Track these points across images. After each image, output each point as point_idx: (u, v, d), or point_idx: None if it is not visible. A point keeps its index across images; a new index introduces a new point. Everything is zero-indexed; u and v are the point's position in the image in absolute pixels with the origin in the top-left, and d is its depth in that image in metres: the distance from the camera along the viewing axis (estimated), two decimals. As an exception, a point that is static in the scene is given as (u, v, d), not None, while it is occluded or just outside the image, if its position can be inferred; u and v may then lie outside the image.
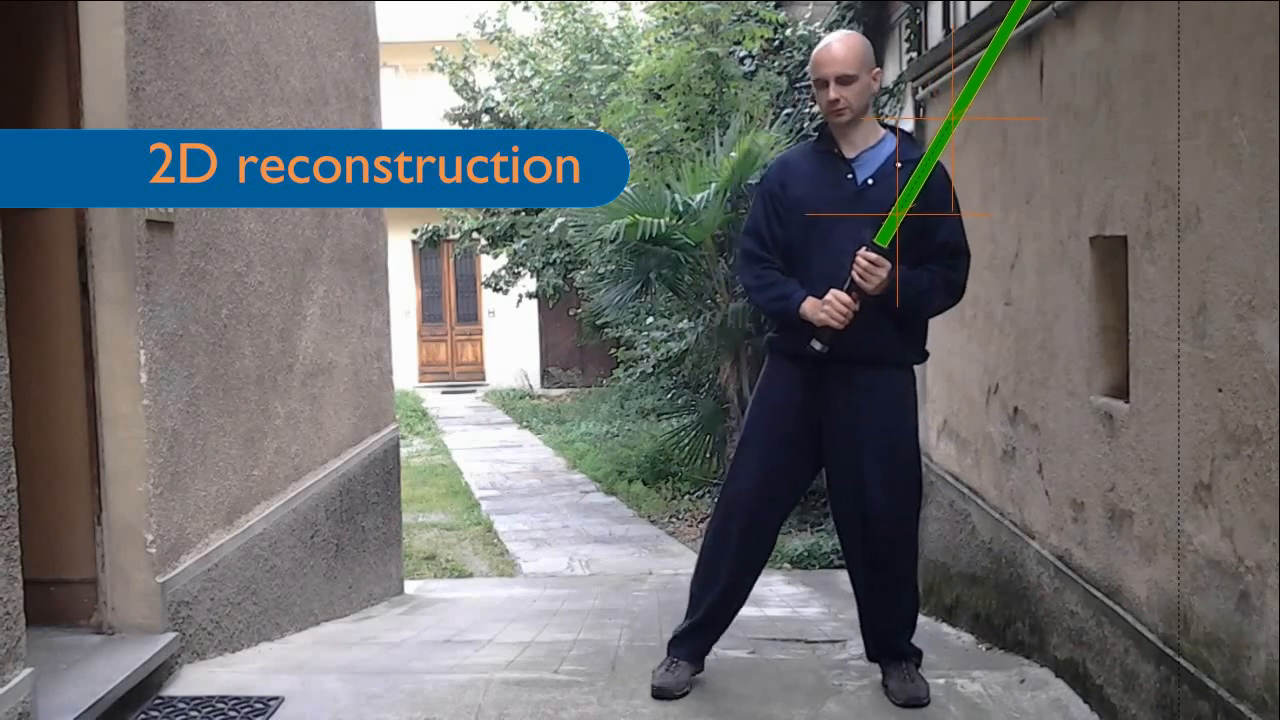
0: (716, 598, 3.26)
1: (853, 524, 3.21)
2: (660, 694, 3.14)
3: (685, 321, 10.09)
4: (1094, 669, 3.05)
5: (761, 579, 3.42)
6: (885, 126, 3.20)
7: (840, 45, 3.09)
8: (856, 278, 2.98)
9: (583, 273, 11.93)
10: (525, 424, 16.15)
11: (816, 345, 3.04)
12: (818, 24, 9.88)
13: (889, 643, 3.24)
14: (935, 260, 3.12)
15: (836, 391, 3.12)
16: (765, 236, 3.19)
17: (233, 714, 3.04)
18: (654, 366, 11.39)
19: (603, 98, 12.01)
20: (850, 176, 3.12)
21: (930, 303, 3.16)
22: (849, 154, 3.14)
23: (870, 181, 3.10)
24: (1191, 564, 2.50)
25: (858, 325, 3.01)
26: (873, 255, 2.96)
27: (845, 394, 3.12)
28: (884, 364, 3.14)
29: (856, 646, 3.70)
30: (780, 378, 3.23)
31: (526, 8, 14.45)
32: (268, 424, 4.19)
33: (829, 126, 3.17)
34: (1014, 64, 3.86)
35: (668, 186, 8.55)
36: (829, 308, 3.00)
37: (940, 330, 5.03)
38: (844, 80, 3.06)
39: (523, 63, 14.57)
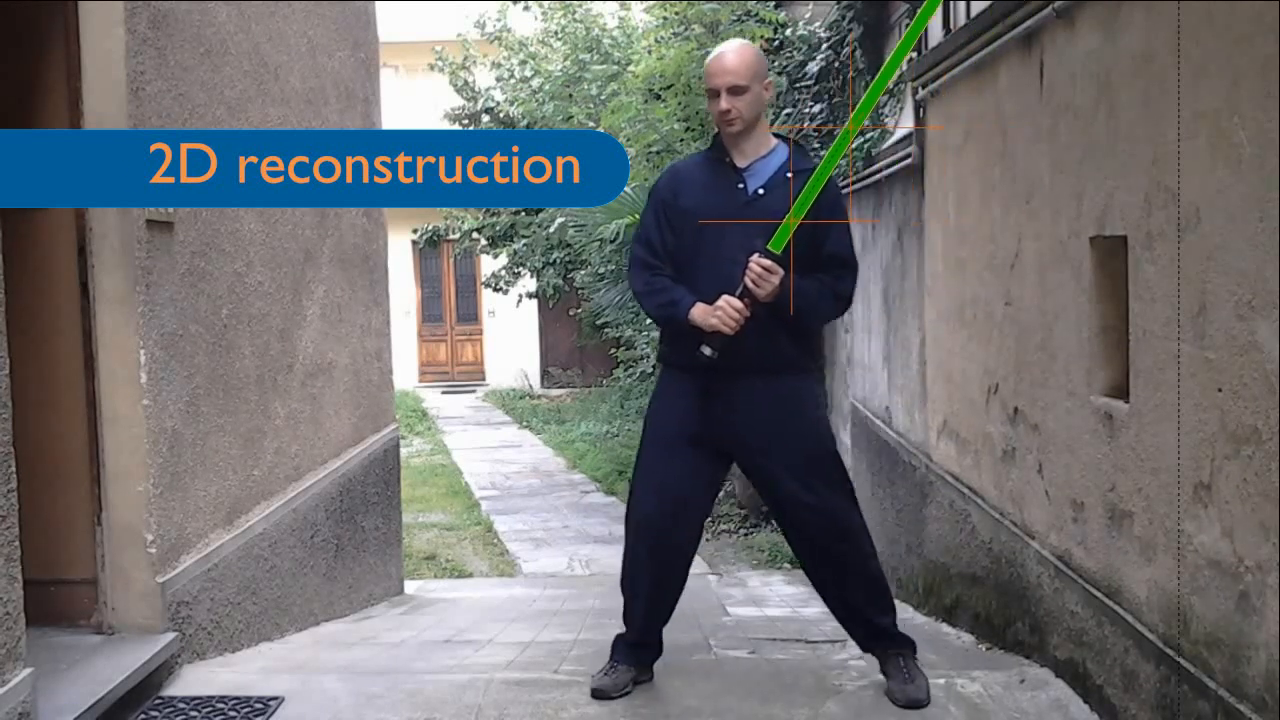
0: (643, 614, 3.27)
1: (786, 523, 3.27)
2: (599, 695, 3.15)
3: (685, 321, 10.07)
4: (1094, 669, 3.05)
5: (761, 579, 3.42)
6: (778, 137, 3.22)
7: (733, 56, 3.10)
8: (749, 284, 2.98)
9: (583, 273, 11.95)
10: (525, 424, 16.16)
11: (706, 351, 3.02)
12: (818, 24, 9.88)
13: (871, 627, 3.24)
14: (824, 271, 3.13)
15: (732, 401, 3.12)
16: (656, 245, 3.19)
17: (233, 714, 3.04)
18: (654, 366, 11.39)
19: (603, 98, 12.04)
20: (741, 186, 3.13)
21: (819, 312, 3.20)
22: (740, 163, 3.15)
23: (761, 191, 3.12)
24: (1191, 564, 2.50)
25: (751, 334, 3.01)
26: (766, 261, 2.97)
27: (741, 402, 3.12)
28: (779, 372, 3.15)
29: (857, 646, 3.69)
30: (672, 391, 3.23)
31: (526, 8, 14.47)
32: (268, 424, 4.20)
33: (721, 136, 3.18)
34: (1014, 64, 3.86)
35: (668, 186, 8.54)
36: (720, 313, 2.99)
37: (940, 330, 5.03)
38: (735, 91, 3.06)
39: (523, 63, 14.60)
